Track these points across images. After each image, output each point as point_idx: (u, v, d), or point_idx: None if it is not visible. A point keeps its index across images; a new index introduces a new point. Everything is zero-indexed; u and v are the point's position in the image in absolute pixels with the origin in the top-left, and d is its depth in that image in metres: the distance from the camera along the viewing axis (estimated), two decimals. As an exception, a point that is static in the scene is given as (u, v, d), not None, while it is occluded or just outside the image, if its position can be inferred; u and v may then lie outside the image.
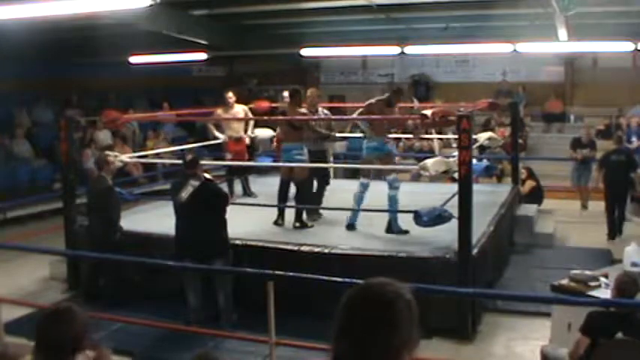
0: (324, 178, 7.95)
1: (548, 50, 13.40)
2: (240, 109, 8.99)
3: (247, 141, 9.09)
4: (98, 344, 2.66)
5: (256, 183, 9.23)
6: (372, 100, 7.09)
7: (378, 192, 7.65)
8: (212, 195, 5.89)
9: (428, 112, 5.96)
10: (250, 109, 9.74)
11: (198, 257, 5.64)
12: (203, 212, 5.73)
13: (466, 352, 5.38)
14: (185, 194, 5.74)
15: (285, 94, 8.79)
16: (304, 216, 7.18)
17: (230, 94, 8.90)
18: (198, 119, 13.50)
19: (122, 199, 7.47)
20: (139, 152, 11.23)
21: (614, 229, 9.05)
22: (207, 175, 6.06)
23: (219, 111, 9.04)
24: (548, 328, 5.20)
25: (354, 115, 7.64)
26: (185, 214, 5.83)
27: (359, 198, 6.95)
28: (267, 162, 9.96)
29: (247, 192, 8.89)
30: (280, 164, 8.44)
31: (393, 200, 6.78)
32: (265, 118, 9.14)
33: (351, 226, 6.89)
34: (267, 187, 8.78)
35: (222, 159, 9.14)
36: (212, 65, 16.70)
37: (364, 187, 6.94)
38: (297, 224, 7.06)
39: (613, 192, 9.13)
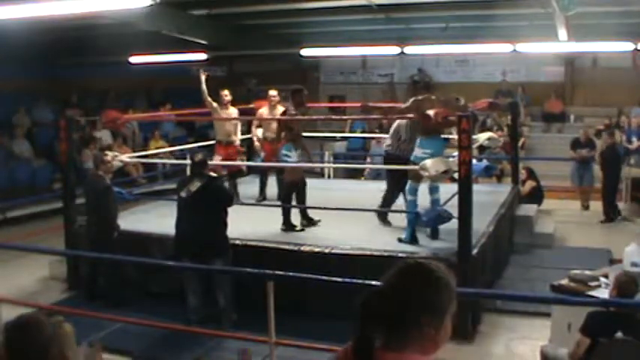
0: (400, 182, 6.92)
1: (548, 50, 13.39)
2: (234, 111, 8.53)
3: (238, 143, 8.68)
4: (94, 343, 2.65)
5: (255, 183, 9.22)
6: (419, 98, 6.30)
7: (378, 192, 7.65)
8: (218, 192, 5.91)
9: (431, 113, 5.96)
10: (251, 108, 9.71)
11: (197, 256, 5.65)
12: (206, 209, 5.75)
13: (466, 352, 5.38)
14: (192, 188, 5.78)
15: (273, 92, 8.73)
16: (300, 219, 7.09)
17: (226, 92, 8.42)
18: (198, 119, 13.51)
19: (122, 199, 7.48)
20: (139, 152, 11.23)
21: (610, 214, 9.97)
22: (213, 174, 6.08)
23: (210, 101, 8.37)
24: (548, 328, 5.20)
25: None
26: (188, 211, 5.84)
27: (412, 204, 6.33)
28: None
29: None
30: (267, 164, 8.43)
31: (437, 203, 6.39)
32: (265, 118, 9.05)
33: (414, 239, 6.27)
34: (268, 188, 8.80)
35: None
36: (212, 65, 16.69)
37: (414, 192, 6.32)
38: (283, 227, 6.86)
39: (610, 177, 10.16)
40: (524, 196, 9.81)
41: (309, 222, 7.05)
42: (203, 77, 8.21)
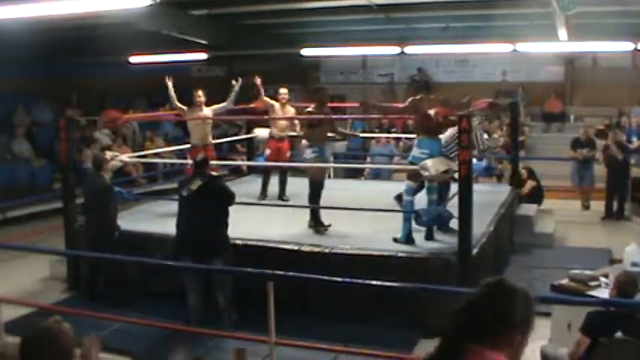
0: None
1: (548, 50, 13.41)
2: (208, 112, 8.13)
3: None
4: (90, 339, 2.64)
5: (255, 183, 9.21)
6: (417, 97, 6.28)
7: (378, 192, 7.66)
8: (218, 191, 5.92)
9: (431, 112, 5.96)
10: (251, 108, 9.69)
11: (198, 255, 5.65)
12: (207, 208, 5.75)
13: (466, 352, 5.37)
14: (193, 187, 5.80)
15: (283, 90, 8.71)
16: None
17: (200, 93, 8.02)
18: (198, 118, 13.48)
19: (122, 199, 7.47)
20: (139, 152, 11.22)
21: (611, 211, 10.19)
22: (214, 173, 6.09)
23: (180, 106, 8.03)
24: (548, 328, 5.20)
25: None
26: (188, 210, 5.84)
27: (409, 204, 6.32)
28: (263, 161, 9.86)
29: None
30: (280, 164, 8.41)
31: (434, 203, 6.40)
32: (252, 117, 8.98)
33: (410, 239, 6.26)
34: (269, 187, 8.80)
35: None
36: (212, 65, 16.70)
37: (412, 192, 6.30)
38: (311, 224, 6.89)
39: (613, 176, 10.26)
40: (524, 196, 9.81)
41: (316, 224, 6.93)
42: (170, 84, 8.02)
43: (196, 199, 5.77)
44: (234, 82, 8.37)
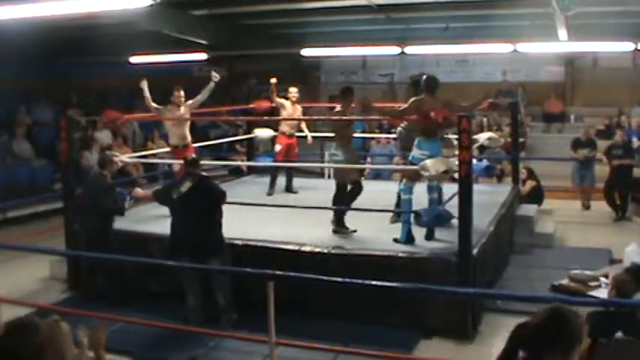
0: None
1: (548, 50, 13.41)
2: (186, 110, 7.89)
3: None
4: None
5: (255, 183, 9.22)
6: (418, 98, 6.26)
7: (378, 192, 7.66)
8: (209, 190, 5.92)
9: (432, 114, 5.96)
10: (252, 108, 9.71)
11: (194, 255, 5.65)
12: (198, 209, 5.75)
13: (466, 352, 5.38)
14: (183, 189, 5.80)
15: (293, 89, 8.70)
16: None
17: (181, 93, 7.82)
18: (197, 119, 13.50)
19: (123, 200, 7.47)
20: (139, 152, 11.22)
21: (618, 210, 10.29)
22: (205, 174, 6.11)
23: (155, 106, 7.81)
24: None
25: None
26: (180, 212, 5.86)
27: (407, 204, 6.34)
28: (266, 162, 9.92)
29: None
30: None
31: (435, 202, 6.44)
32: (226, 118, 9.05)
33: (410, 238, 6.27)
34: (265, 187, 8.81)
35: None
36: (212, 65, 16.68)
37: (409, 191, 6.35)
38: (334, 228, 6.73)
39: (615, 176, 10.39)
40: (525, 196, 9.81)
41: (340, 228, 6.76)
42: (145, 84, 7.77)
43: (188, 201, 5.77)
44: (213, 73, 8.16)
